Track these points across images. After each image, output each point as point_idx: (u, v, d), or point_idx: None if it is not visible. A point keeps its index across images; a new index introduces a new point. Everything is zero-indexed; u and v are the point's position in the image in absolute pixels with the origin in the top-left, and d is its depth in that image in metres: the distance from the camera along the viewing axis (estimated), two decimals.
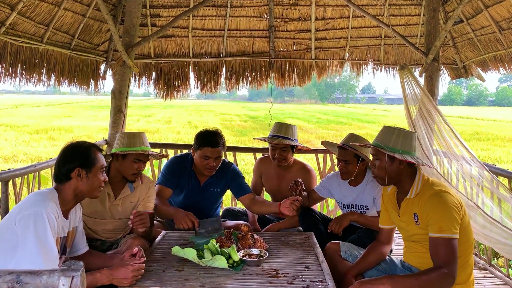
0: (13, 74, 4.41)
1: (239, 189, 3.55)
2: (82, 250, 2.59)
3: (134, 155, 3.00)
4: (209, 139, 3.35)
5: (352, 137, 3.30)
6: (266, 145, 4.16)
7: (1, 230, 2.15)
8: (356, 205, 3.40)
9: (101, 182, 2.44)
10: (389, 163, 2.52)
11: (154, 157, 3.33)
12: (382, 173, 2.55)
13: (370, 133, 20.92)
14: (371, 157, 2.72)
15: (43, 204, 2.14)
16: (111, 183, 3.07)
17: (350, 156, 3.25)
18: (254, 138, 3.93)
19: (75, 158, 2.36)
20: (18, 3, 4.06)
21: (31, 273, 1.29)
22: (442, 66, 5.59)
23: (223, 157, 3.62)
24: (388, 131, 2.58)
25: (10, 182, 3.47)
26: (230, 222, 3.55)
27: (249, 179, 4.20)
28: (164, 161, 4.49)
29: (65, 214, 2.36)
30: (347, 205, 3.45)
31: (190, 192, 3.55)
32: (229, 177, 3.59)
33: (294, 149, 3.77)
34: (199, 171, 3.50)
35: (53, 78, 4.92)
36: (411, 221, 2.52)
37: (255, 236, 2.82)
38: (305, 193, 3.43)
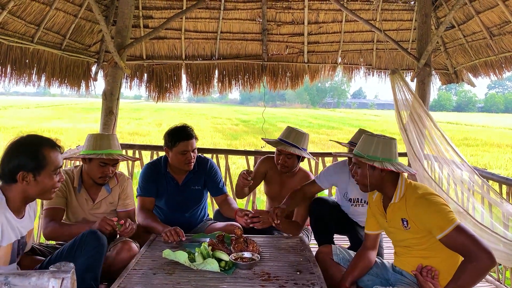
0: (3, 74, 4.35)
1: (216, 189, 3.56)
2: None
3: (99, 158, 2.87)
4: (182, 133, 3.33)
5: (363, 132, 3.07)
6: (258, 147, 4.11)
7: None
8: (365, 200, 3.37)
9: (54, 184, 2.15)
10: (370, 171, 2.52)
11: (124, 160, 3.22)
12: (364, 181, 2.57)
13: None
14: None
15: None
16: (86, 187, 2.99)
17: None
18: (262, 139, 3.82)
19: (20, 159, 2.04)
20: (8, 2, 4.00)
21: (19, 275, 1.25)
22: (434, 71, 5.63)
23: (205, 156, 3.65)
24: (367, 140, 2.58)
25: None
26: (220, 224, 3.46)
27: None
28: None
29: (18, 214, 2.15)
30: (354, 199, 3.41)
31: (171, 195, 3.47)
32: (207, 173, 3.55)
33: (301, 158, 3.55)
34: (175, 171, 3.45)
35: (43, 78, 4.86)
36: (400, 227, 2.51)
37: (248, 239, 2.79)
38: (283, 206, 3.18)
